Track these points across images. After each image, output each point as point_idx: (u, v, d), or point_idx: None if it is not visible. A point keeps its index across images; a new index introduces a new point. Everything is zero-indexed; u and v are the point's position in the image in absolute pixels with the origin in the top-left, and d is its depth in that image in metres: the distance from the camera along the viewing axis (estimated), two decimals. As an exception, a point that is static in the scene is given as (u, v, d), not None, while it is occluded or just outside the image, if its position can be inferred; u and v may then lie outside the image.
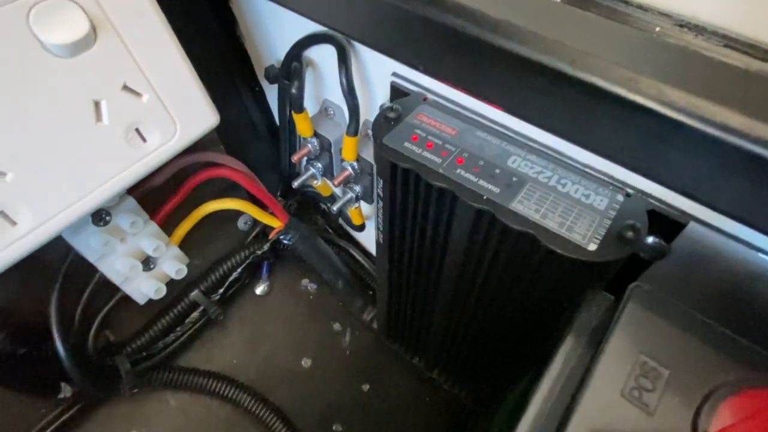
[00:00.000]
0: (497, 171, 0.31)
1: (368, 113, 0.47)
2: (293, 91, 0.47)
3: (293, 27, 0.47)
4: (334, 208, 0.54)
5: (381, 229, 0.43)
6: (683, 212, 0.28)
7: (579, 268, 0.27)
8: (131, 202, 0.48)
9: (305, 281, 0.78)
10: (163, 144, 0.40)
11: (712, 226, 0.28)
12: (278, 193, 0.72)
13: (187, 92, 0.40)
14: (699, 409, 0.17)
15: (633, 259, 0.32)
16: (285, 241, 0.66)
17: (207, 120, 0.43)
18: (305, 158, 0.56)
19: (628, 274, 0.30)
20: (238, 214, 0.70)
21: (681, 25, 0.25)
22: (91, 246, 0.46)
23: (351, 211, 0.59)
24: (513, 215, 0.29)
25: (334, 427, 0.67)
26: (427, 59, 0.28)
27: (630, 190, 0.30)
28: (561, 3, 0.24)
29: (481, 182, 0.30)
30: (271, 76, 0.53)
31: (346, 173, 0.50)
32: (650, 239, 0.30)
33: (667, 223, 0.29)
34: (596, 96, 0.20)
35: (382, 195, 0.38)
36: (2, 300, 0.44)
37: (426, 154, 0.33)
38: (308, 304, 0.76)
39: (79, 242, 0.45)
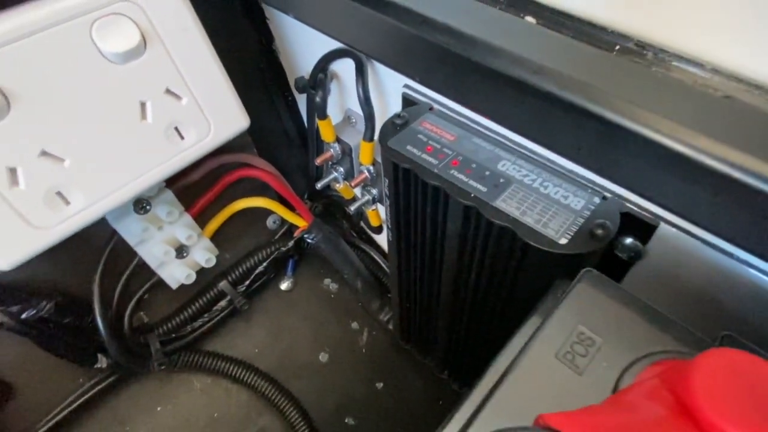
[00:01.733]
0: (487, 173, 0.34)
1: (383, 120, 0.51)
2: (317, 99, 0.52)
3: (321, 43, 0.51)
4: (352, 208, 0.58)
5: (390, 227, 0.47)
6: (655, 215, 0.30)
7: (552, 260, 0.30)
8: (169, 194, 0.54)
9: (327, 280, 0.82)
10: (198, 142, 0.46)
11: (682, 228, 0.30)
12: (305, 195, 0.77)
13: (221, 97, 0.46)
14: (623, 372, 0.20)
15: (616, 263, 0.35)
16: (308, 240, 0.71)
17: (238, 123, 0.48)
18: (329, 162, 0.60)
19: (616, 276, 0.32)
20: (267, 213, 0.75)
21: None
22: (132, 231, 0.52)
23: (369, 213, 0.63)
24: (495, 211, 0.32)
25: (346, 420, 0.71)
26: (422, 72, 0.31)
27: (607, 194, 0.32)
28: (535, 24, 0.28)
29: (471, 182, 0.34)
30: (300, 86, 0.58)
31: (363, 176, 0.54)
32: (628, 240, 0.33)
33: (643, 227, 0.31)
34: (552, 102, 0.23)
35: (388, 194, 0.42)
36: (53, 273, 0.50)
37: (425, 156, 0.36)
38: (329, 303, 0.80)
39: (122, 227, 0.51)
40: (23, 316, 0.46)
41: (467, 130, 0.38)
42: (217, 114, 0.46)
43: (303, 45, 0.57)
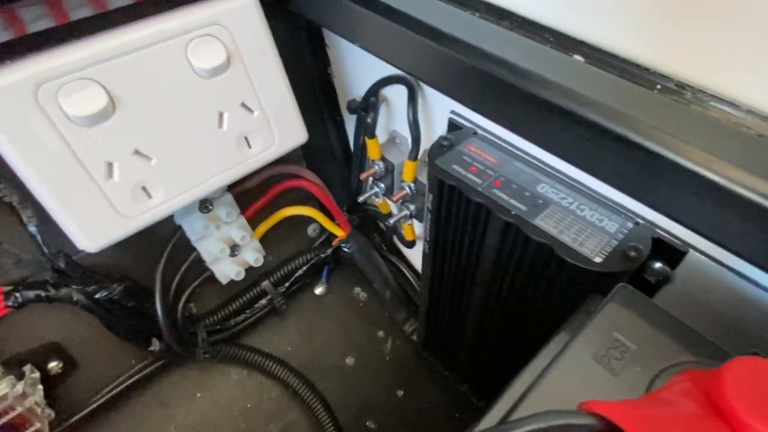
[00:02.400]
0: (527, 194, 0.36)
1: (428, 143, 0.53)
2: (368, 120, 0.55)
3: (374, 69, 0.55)
4: (391, 221, 0.60)
5: (428, 239, 0.49)
6: (684, 242, 0.31)
7: (586, 277, 0.31)
8: (229, 197, 0.57)
9: (357, 289, 0.84)
10: (263, 151, 0.49)
11: (710, 256, 0.31)
12: (345, 208, 0.79)
13: (286, 113, 0.49)
14: (655, 378, 0.21)
15: (644, 285, 0.36)
16: (345, 249, 0.73)
17: (299, 137, 0.51)
18: (371, 178, 0.63)
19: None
20: (308, 221, 0.78)
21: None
22: (194, 228, 0.55)
23: (404, 227, 0.65)
24: (534, 229, 0.33)
25: (367, 423, 0.71)
26: (476, 100, 0.34)
27: (640, 220, 0.34)
28: (583, 62, 0.30)
29: (512, 201, 0.35)
30: (352, 108, 0.61)
31: (404, 192, 0.57)
32: (657, 264, 0.34)
33: (672, 253, 0.33)
34: (599, 132, 0.25)
35: (431, 208, 0.44)
36: (123, 260, 0.54)
37: (469, 175, 0.38)
38: (358, 310, 0.82)
39: (186, 223, 0.54)
40: (96, 296, 0.49)
41: (508, 155, 0.40)
42: (282, 128, 0.49)
43: (357, 71, 0.61)
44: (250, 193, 0.61)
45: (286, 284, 0.72)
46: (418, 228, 0.68)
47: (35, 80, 0.34)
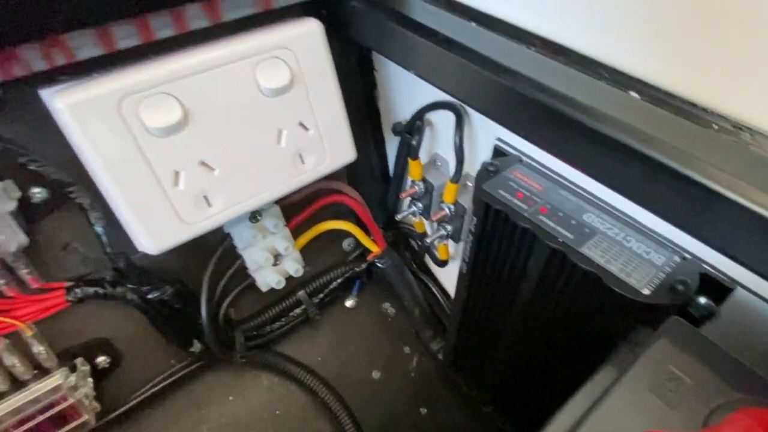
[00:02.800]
0: (573, 222, 0.36)
1: (470, 167, 0.55)
2: (413, 143, 0.57)
3: (420, 94, 0.56)
4: (428, 240, 0.61)
5: (467, 260, 0.50)
6: (731, 279, 0.31)
7: (632, 309, 0.31)
8: (277, 209, 0.59)
9: (386, 304, 0.84)
10: (315, 167, 0.51)
11: (758, 294, 0.31)
12: (380, 225, 0.80)
13: (339, 133, 0.51)
14: (711, 412, 0.21)
15: (688, 320, 0.35)
16: (379, 265, 0.74)
17: (348, 155, 0.53)
18: (410, 197, 0.64)
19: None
20: (344, 235, 0.79)
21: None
22: (243, 236, 0.57)
23: (439, 247, 0.66)
24: (581, 257, 0.34)
25: (390, 438, 0.71)
26: (529, 129, 0.35)
27: (687, 255, 0.34)
28: (639, 99, 0.30)
29: (559, 228, 0.36)
30: (397, 130, 0.63)
31: (444, 213, 0.57)
32: (702, 300, 0.34)
33: (718, 289, 0.32)
34: (657, 167, 0.26)
35: (473, 231, 0.45)
36: (175, 264, 0.56)
37: (516, 201, 0.39)
38: (386, 325, 0.82)
39: (235, 232, 0.56)
40: (149, 296, 0.52)
41: (554, 182, 0.41)
42: (334, 146, 0.51)
43: (403, 94, 0.62)
44: (295, 206, 0.63)
45: (320, 295, 0.73)
46: (452, 248, 0.68)
47: (120, 93, 0.36)
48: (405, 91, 0.61)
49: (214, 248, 0.57)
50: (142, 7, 0.34)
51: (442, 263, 0.70)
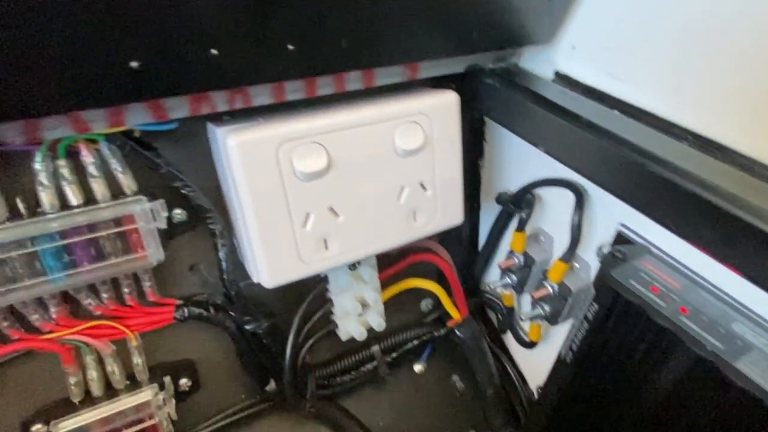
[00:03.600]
0: (721, 330, 0.34)
1: (582, 249, 0.54)
2: (523, 215, 0.57)
3: (531, 169, 0.57)
4: (521, 316, 0.59)
5: (573, 348, 0.47)
6: None
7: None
8: (374, 260, 0.60)
9: (455, 377, 0.81)
10: (424, 226, 0.52)
11: None
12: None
13: (453, 196, 0.52)
14: None
15: None
16: (458, 333, 0.72)
17: (457, 218, 0.54)
18: (505, 268, 0.64)
19: None
20: (423, 295, 0.79)
21: None
22: (338, 282, 0.58)
23: (531, 326, 0.63)
24: (738, 373, 0.31)
25: None
26: (679, 223, 0.34)
27: None
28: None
29: (705, 335, 0.34)
30: (502, 199, 0.64)
31: (546, 291, 0.56)
32: None
33: None
34: None
35: (590, 318, 0.43)
36: (273, 299, 0.58)
37: (650, 295, 0.37)
38: (453, 400, 0.79)
39: (333, 276, 0.58)
40: (246, 326, 0.53)
41: (692, 282, 0.39)
42: (446, 208, 0.52)
43: (512, 167, 0.64)
44: (387, 259, 0.64)
45: (394, 354, 0.72)
46: (543, 330, 0.66)
47: (282, 138, 0.40)
48: (514, 164, 0.63)
49: (309, 289, 0.59)
50: (318, 70, 0.39)
51: (529, 344, 0.67)
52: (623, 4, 0.43)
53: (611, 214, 0.48)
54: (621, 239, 0.46)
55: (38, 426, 0.50)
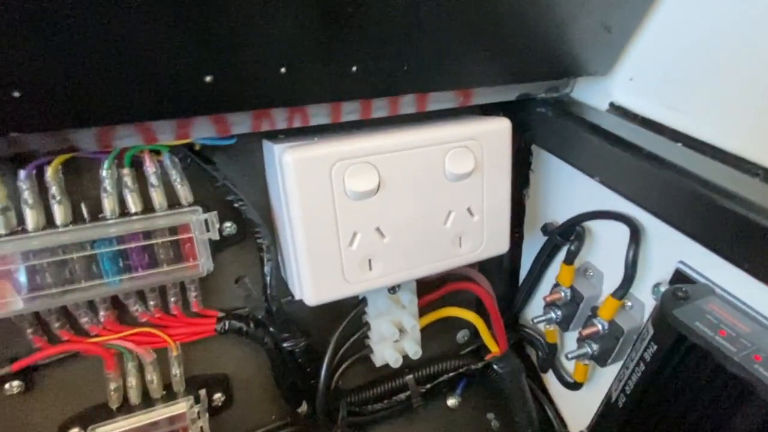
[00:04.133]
0: (798, 380, 0.32)
1: (635, 287, 0.51)
2: (572, 248, 0.55)
3: (582, 199, 0.56)
4: (569, 355, 0.57)
5: (626, 391, 0.45)
6: None
7: None
8: (413, 284, 0.60)
9: (491, 415, 0.78)
10: (469, 253, 0.51)
11: None
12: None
13: (500, 224, 0.52)
14: None
15: None
16: (496, 368, 0.70)
17: (502, 246, 0.53)
18: (550, 303, 0.62)
19: None
20: (460, 326, 0.77)
21: None
22: (377, 305, 0.58)
23: (577, 366, 0.61)
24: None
25: None
26: (752, 261, 0.32)
27: None
28: None
29: (781, 384, 0.31)
30: (548, 230, 0.62)
31: (595, 329, 0.54)
32: None
33: None
34: None
35: (647, 360, 0.41)
36: (311, 319, 0.58)
37: (718, 338, 0.35)
38: (486, 439, 0.76)
39: (371, 299, 0.57)
40: (284, 344, 0.53)
41: (763, 327, 0.36)
42: (491, 236, 0.52)
43: (559, 197, 0.62)
44: (427, 285, 0.63)
45: (427, 385, 0.70)
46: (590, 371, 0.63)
47: (336, 157, 0.41)
48: (560, 195, 0.61)
49: (347, 310, 0.59)
50: (377, 92, 0.39)
51: (574, 386, 0.64)
52: (687, 36, 0.43)
53: (669, 251, 0.46)
54: (679, 277, 0.44)
55: (76, 430, 0.51)
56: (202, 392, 0.55)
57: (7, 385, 0.47)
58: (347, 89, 0.36)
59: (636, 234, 0.48)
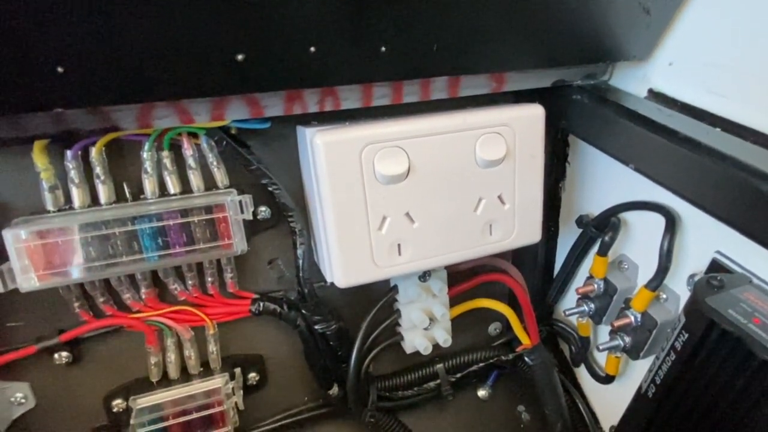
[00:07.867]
0: (835, 369, 0.32)
1: (670, 278, 0.51)
2: (606, 239, 0.56)
3: (617, 191, 0.56)
4: (600, 347, 0.57)
5: (657, 382, 0.45)
6: None
7: None
8: (444, 273, 0.61)
9: (521, 407, 0.79)
10: (500, 241, 0.53)
11: None
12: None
13: (532, 213, 0.53)
14: None
15: None
16: (527, 360, 0.71)
17: (534, 236, 0.54)
18: (583, 295, 0.62)
19: None
20: (492, 318, 0.78)
21: None
22: (408, 292, 0.60)
23: (609, 359, 0.61)
24: None
25: None
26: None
27: None
28: None
29: (816, 372, 0.31)
30: (583, 222, 0.63)
31: (628, 321, 0.54)
32: None
33: None
34: None
35: (679, 348, 0.41)
36: (343, 302, 0.61)
37: (752, 326, 0.35)
38: (517, 432, 0.77)
39: (402, 286, 0.60)
40: (316, 327, 0.56)
41: (802, 318, 0.36)
42: (523, 224, 0.53)
43: (594, 189, 0.62)
44: (458, 275, 0.65)
45: (458, 375, 0.72)
46: (623, 364, 0.63)
47: (366, 141, 0.43)
48: (595, 187, 0.62)
49: (378, 297, 0.61)
50: (408, 74, 0.41)
51: (605, 379, 0.64)
52: (730, 18, 0.42)
53: (705, 241, 0.46)
54: (716, 267, 0.44)
55: (119, 401, 0.56)
56: (237, 370, 0.59)
57: (56, 355, 0.52)
58: (376, 70, 0.38)
59: (671, 223, 0.48)
